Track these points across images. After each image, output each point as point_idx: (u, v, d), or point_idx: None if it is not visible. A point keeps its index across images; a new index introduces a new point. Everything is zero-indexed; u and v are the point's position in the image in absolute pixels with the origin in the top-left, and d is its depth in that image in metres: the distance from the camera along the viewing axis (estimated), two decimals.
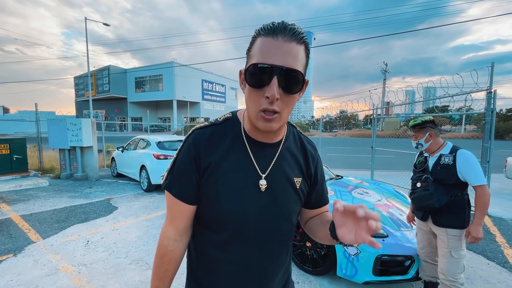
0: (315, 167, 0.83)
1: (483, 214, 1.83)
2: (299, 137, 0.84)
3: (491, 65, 4.66)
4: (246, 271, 0.74)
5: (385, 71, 37.61)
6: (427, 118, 2.05)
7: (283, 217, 0.75)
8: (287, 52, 0.58)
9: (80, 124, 6.88)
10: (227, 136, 0.73)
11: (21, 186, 6.18)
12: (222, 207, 0.70)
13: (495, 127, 4.62)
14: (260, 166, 0.72)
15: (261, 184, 0.71)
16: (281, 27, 0.58)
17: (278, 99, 0.60)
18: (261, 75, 0.59)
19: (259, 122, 0.64)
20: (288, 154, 0.77)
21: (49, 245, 3.25)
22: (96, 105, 37.43)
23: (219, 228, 0.72)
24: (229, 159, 0.71)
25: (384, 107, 14.68)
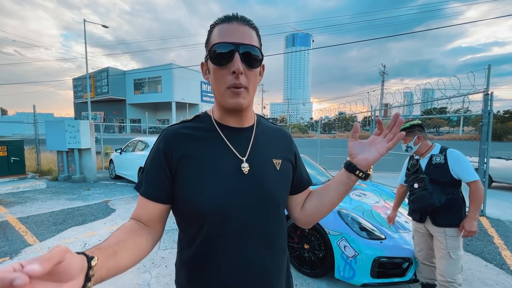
0: (293, 149, 0.85)
1: (478, 209, 1.87)
2: (271, 125, 0.87)
3: (488, 67, 4.69)
4: (243, 261, 0.69)
5: (383, 73, 37.79)
6: (415, 122, 2.11)
7: (271, 199, 0.73)
8: (243, 32, 0.66)
9: (78, 126, 6.86)
10: (199, 129, 0.74)
11: (19, 188, 6.14)
12: (205, 196, 0.66)
13: (492, 128, 4.66)
14: (238, 151, 0.72)
15: (243, 167, 0.70)
16: (234, 15, 0.67)
17: (243, 73, 0.65)
18: (224, 52, 0.64)
19: (228, 99, 0.67)
20: (262, 137, 0.78)
21: (46, 248, 3.23)
22: (94, 107, 37.39)
23: (204, 220, 0.67)
24: (205, 148, 0.70)
25: (382, 109, 14.76)
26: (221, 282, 0.69)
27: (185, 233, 0.74)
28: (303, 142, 22.27)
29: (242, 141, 0.74)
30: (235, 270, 0.69)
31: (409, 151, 2.13)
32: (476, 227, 1.85)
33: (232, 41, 0.63)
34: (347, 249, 2.34)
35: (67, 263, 0.37)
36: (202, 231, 0.68)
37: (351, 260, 2.31)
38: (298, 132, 37.25)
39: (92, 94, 37.35)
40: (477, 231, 1.85)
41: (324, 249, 2.55)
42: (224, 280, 0.69)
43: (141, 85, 38.74)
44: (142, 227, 0.68)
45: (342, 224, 2.45)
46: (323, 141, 25.48)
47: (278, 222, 0.76)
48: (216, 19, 0.68)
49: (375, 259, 2.23)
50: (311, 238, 2.65)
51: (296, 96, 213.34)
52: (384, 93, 37.15)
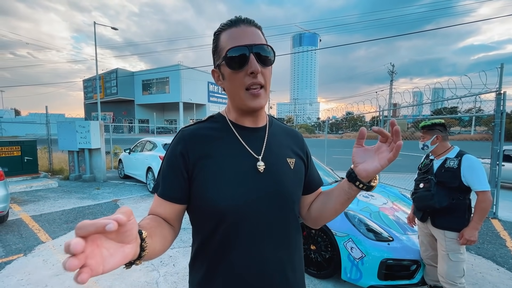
0: (305, 149, 0.87)
1: (481, 219, 1.83)
2: (283, 125, 0.88)
3: (501, 66, 4.58)
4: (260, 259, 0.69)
5: (392, 72, 37.23)
6: (438, 121, 2.06)
7: (287, 196, 0.73)
8: (252, 33, 0.68)
9: (89, 127, 7.02)
10: (214, 129, 0.75)
11: (32, 187, 6.32)
12: (223, 196, 0.67)
13: (506, 128, 4.53)
14: (253, 150, 0.73)
15: (258, 165, 0.71)
16: (239, 18, 0.69)
17: (260, 72, 0.67)
18: (239, 56, 0.66)
19: (248, 101, 0.69)
20: (275, 137, 0.80)
21: (58, 245, 3.32)
22: (104, 108, 38.09)
23: (222, 219, 0.68)
24: (221, 149, 0.71)
25: (391, 109, 14.54)
26: (238, 281, 0.69)
27: (200, 232, 0.73)
28: (310, 142, 22.12)
29: (257, 141, 0.75)
30: (252, 269, 0.69)
31: (425, 149, 2.09)
32: (476, 237, 1.82)
33: (245, 44, 0.65)
34: (354, 251, 2.33)
35: (132, 223, 0.41)
36: (220, 230, 0.68)
37: (358, 261, 2.29)
38: (305, 133, 37.07)
39: (102, 95, 38.10)
40: (476, 240, 1.82)
41: (330, 250, 2.54)
42: (241, 279, 0.69)
43: (149, 86, 39.27)
44: (164, 221, 0.69)
45: (349, 225, 2.43)
46: (331, 141, 25.28)
47: (294, 220, 0.76)
48: (220, 25, 0.70)
49: (382, 261, 2.22)
50: (317, 239, 2.65)
51: (303, 96, 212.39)
52: (392, 93, 36.60)
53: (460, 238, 1.86)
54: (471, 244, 1.85)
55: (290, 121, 29.10)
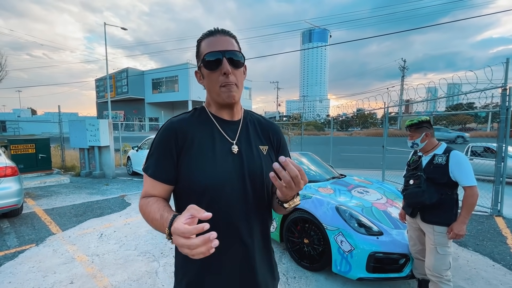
0: (279, 139, 0.97)
1: (469, 214, 1.86)
2: (259, 117, 1.00)
3: (506, 61, 4.47)
4: (234, 228, 0.80)
5: (403, 68, 36.36)
6: (424, 118, 2.09)
7: (257, 173, 0.85)
8: (225, 41, 0.82)
9: (98, 125, 7.28)
10: (197, 119, 0.88)
11: (45, 183, 6.65)
12: (206, 172, 0.79)
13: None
14: (229, 136, 0.86)
15: (233, 148, 0.84)
16: (216, 29, 0.84)
17: (231, 73, 0.80)
18: (214, 59, 0.79)
19: (222, 95, 0.81)
20: (250, 127, 0.93)
21: (67, 237, 3.53)
22: (115, 106, 39.00)
23: (204, 194, 0.79)
24: (202, 134, 0.84)
25: (401, 105, 14.21)
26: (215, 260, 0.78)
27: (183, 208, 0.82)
28: (318, 140, 21.99)
29: (233, 130, 0.89)
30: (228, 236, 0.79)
31: (414, 147, 2.13)
32: (465, 231, 1.86)
33: (219, 49, 0.79)
34: (343, 244, 2.39)
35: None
36: (201, 205, 0.76)
37: (347, 254, 2.36)
38: (313, 130, 36.77)
39: (113, 94, 38.97)
40: (464, 234, 1.86)
41: (322, 243, 2.61)
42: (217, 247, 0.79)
43: (159, 84, 39.88)
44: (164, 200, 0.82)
45: (340, 220, 2.49)
46: (340, 139, 25.01)
47: (264, 199, 0.87)
48: (202, 34, 0.85)
49: (371, 254, 2.27)
50: (310, 233, 2.72)
51: (312, 93, 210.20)
52: (404, 89, 35.79)
53: (449, 233, 1.90)
54: (459, 238, 1.89)
55: (296, 118, 28.75)
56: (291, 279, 2.59)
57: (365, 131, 36.82)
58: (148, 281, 2.54)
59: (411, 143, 2.13)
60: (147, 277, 2.60)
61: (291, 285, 2.49)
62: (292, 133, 12.27)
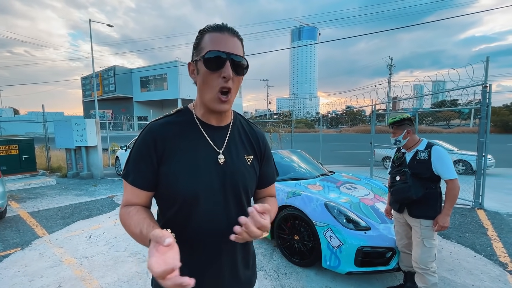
0: (264, 148, 0.95)
1: (452, 206, 1.95)
2: (247, 122, 0.96)
3: (486, 60, 4.64)
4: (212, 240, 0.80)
5: (391, 65, 37.07)
6: (405, 116, 2.17)
7: (241, 184, 0.84)
8: (233, 43, 0.75)
9: (85, 125, 7.11)
10: (181, 123, 0.81)
11: (30, 185, 6.45)
12: (187, 183, 0.76)
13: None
14: (215, 145, 0.82)
15: (219, 158, 0.81)
16: (225, 26, 0.76)
17: (231, 79, 0.74)
18: (217, 59, 0.72)
19: (215, 103, 0.76)
20: (237, 135, 0.88)
21: (54, 240, 3.45)
22: (102, 105, 38.10)
23: (184, 204, 0.77)
24: (186, 141, 0.79)
25: (388, 102, 14.52)
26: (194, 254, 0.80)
27: (165, 214, 0.83)
28: (308, 137, 22.19)
29: (220, 137, 0.84)
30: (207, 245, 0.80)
31: (397, 144, 2.22)
32: (448, 223, 1.95)
33: (225, 51, 0.72)
34: (332, 239, 2.44)
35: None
36: (182, 213, 0.78)
37: (336, 249, 2.41)
38: (304, 127, 37.05)
39: (100, 93, 38.05)
40: (448, 226, 1.95)
41: (312, 239, 2.66)
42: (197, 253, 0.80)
43: (147, 82, 39.19)
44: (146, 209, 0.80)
45: (328, 216, 2.55)
46: (330, 136, 25.32)
47: (245, 211, 0.86)
48: (207, 26, 0.76)
49: (359, 248, 2.33)
50: (300, 230, 2.77)
51: (302, 90, 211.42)
52: (391, 86, 36.51)
53: (434, 225, 1.98)
54: (444, 230, 1.98)
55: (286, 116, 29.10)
56: (282, 275, 2.63)
57: (354, 128, 37.42)
58: (139, 282, 2.52)
59: (394, 140, 2.21)
60: (137, 278, 2.58)
61: (282, 281, 2.53)
62: (283, 130, 12.34)
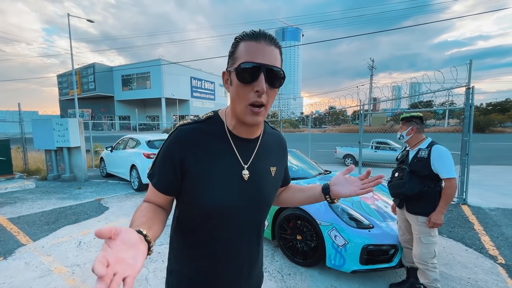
0: (286, 153, 0.99)
1: (447, 204, 2.01)
2: (272, 132, 0.95)
3: (469, 62, 4.88)
4: (234, 255, 0.83)
5: (372, 67, 38.28)
6: (416, 114, 2.24)
7: (264, 201, 0.85)
8: (269, 53, 0.69)
9: (67, 124, 6.74)
10: (210, 133, 0.78)
11: (7, 189, 6.02)
12: (210, 197, 0.75)
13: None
14: (242, 159, 0.79)
15: (244, 174, 0.78)
16: (262, 34, 0.70)
17: (265, 93, 0.69)
18: (250, 72, 0.67)
19: (247, 116, 0.71)
20: (265, 147, 0.87)
21: (40, 247, 3.23)
22: (81, 104, 36.42)
23: (207, 218, 0.77)
24: (214, 153, 0.76)
25: (371, 103, 14.91)
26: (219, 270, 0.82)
27: (186, 223, 0.82)
28: (294, 137, 22.44)
29: (248, 150, 0.81)
30: (232, 260, 0.83)
31: (400, 139, 2.29)
32: (442, 220, 2.00)
33: (259, 62, 0.67)
34: (337, 239, 2.46)
35: (124, 235, 0.48)
36: (203, 227, 0.79)
37: (341, 248, 2.43)
38: (289, 127, 37.43)
39: (79, 91, 36.37)
40: (442, 223, 2.01)
41: (316, 239, 2.66)
42: (222, 268, 0.82)
43: (129, 81, 37.98)
44: (158, 207, 0.79)
45: (332, 215, 2.56)
46: (314, 136, 25.72)
47: (265, 219, 0.91)
48: (243, 33, 0.71)
49: (364, 247, 2.36)
50: (303, 229, 2.76)
51: (287, 91, 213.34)
52: (373, 87, 37.77)
53: (428, 222, 2.04)
54: (438, 227, 2.03)
55: (274, 116, 29.09)
56: (287, 276, 2.61)
57: (338, 128, 38.29)
58: None
59: (399, 134, 2.29)
60: (137, 285, 2.47)
61: (287, 282, 2.51)
62: None
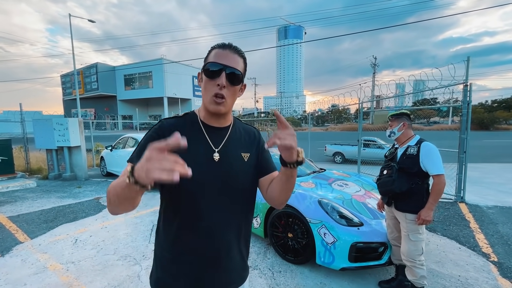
0: (259, 141, 1.05)
1: (436, 200, 2.00)
2: (245, 125, 1.07)
3: (467, 59, 4.84)
4: (209, 227, 0.89)
5: (374, 64, 38.02)
6: (405, 111, 2.25)
7: (235, 183, 0.92)
8: (232, 58, 0.87)
9: (67, 124, 6.82)
10: (187, 124, 0.93)
11: (8, 188, 6.12)
12: (186, 179, 0.80)
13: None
14: (214, 143, 0.92)
15: (214, 156, 0.90)
16: (229, 45, 0.89)
17: (225, 87, 0.85)
18: (214, 70, 0.85)
19: (211, 105, 0.87)
20: (236, 135, 0.99)
21: (37, 245, 3.29)
22: (84, 104, 36.71)
23: (184, 195, 0.86)
24: (188, 139, 0.84)
25: (373, 101, 14.81)
26: (193, 245, 0.89)
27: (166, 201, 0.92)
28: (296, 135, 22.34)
29: (219, 137, 0.94)
30: (204, 234, 0.89)
31: (391, 136, 2.27)
32: (431, 217, 2.00)
33: (222, 63, 0.85)
34: (326, 236, 2.47)
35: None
36: (183, 204, 0.88)
37: (331, 246, 2.44)
38: (291, 126, 37.26)
39: (82, 91, 36.68)
40: (431, 220, 2.00)
41: (306, 237, 2.68)
42: (195, 243, 0.89)
43: (131, 81, 38.15)
44: None
45: (322, 213, 2.57)
46: (316, 134, 25.67)
47: (244, 201, 0.96)
48: (216, 44, 0.90)
49: (352, 244, 2.37)
50: (294, 227, 2.78)
51: (289, 89, 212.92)
52: (375, 85, 37.46)
53: (417, 219, 2.03)
54: (427, 224, 2.03)
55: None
56: (277, 273, 2.63)
57: (340, 126, 38.12)
58: (131, 286, 2.45)
59: (389, 132, 2.28)
60: (129, 282, 2.51)
61: (277, 280, 2.53)
62: (271, 129, 12.39)
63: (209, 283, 0.91)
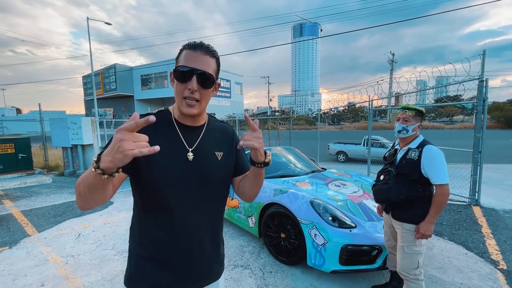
0: (234, 142, 1.06)
1: (437, 213, 1.78)
2: (219, 124, 1.07)
3: (483, 53, 4.53)
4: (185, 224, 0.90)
5: (392, 61, 36.68)
6: (421, 109, 1.95)
7: (209, 180, 0.93)
8: (202, 60, 0.85)
9: (80, 123, 7.10)
10: (160, 122, 0.89)
11: (26, 184, 6.47)
12: (158, 175, 0.85)
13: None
14: (187, 143, 0.92)
15: (188, 155, 0.90)
16: (199, 45, 0.86)
17: (197, 91, 0.85)
18: (185, 73, 0.84)
19: (183, 107, 0.87)
20: (210, 134, 0.99)
21: (43, 238, 3.44)
22: (104, 104, 38.20)
23: (158, 194, 0.87)
24: (162, 138, 0.88)
25: (386, 97, 14.29)
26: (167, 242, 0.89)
27: (141, 198, 0.91)
28: (307, 134, 22.07)
29: (193, 136, 0.94)
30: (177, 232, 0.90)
31: (403, 133, 1.93)
32: (431, 231, 1.78)
33: (192, 66, 0.83)
34: (317, 238, 2.40)
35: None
36: (153, 199, 0.88)
37: (321, 248, 2.37)
38: (305, 124, 36.83)
39: (101, 91, 38.14)
40: (431, 235, 1.78)
41: (298, 237, 2.61)
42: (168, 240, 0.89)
43: (148, 80, 39.16)
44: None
45: (313, 214, 2.50)
46: (330, 133, 25.18)
47: (217, 199, 0.98)
48: (187, 43, 0.88)
49: (343, 246, 2.28)
50: (287, 227, 2.72)
51: (304, 87, 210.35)
52: (395, 82, 36.15)
53: (416, 232, 1.81)
54: (427, 238, 1.80)
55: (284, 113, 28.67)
56: (267, 274, 2.59)
57: (355, 125, 37.18)
58: (122, 281, 2.50)
59: (401, 127, 1.93)
60: (121, 277, 2.56)
61: (266, 280, 2.50)
62: (282, 127, 12.29)
63: (182, 279, 0.92)
